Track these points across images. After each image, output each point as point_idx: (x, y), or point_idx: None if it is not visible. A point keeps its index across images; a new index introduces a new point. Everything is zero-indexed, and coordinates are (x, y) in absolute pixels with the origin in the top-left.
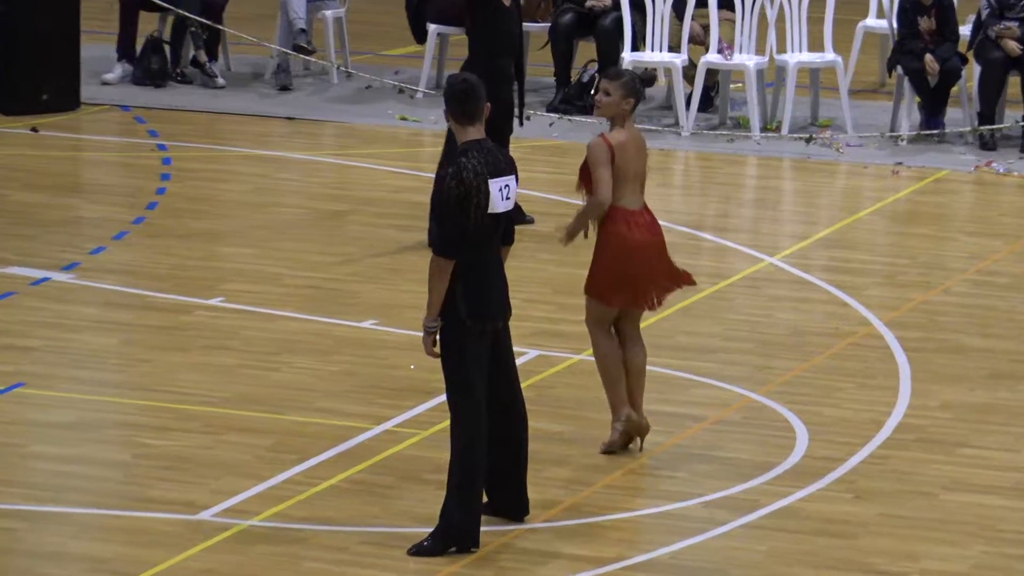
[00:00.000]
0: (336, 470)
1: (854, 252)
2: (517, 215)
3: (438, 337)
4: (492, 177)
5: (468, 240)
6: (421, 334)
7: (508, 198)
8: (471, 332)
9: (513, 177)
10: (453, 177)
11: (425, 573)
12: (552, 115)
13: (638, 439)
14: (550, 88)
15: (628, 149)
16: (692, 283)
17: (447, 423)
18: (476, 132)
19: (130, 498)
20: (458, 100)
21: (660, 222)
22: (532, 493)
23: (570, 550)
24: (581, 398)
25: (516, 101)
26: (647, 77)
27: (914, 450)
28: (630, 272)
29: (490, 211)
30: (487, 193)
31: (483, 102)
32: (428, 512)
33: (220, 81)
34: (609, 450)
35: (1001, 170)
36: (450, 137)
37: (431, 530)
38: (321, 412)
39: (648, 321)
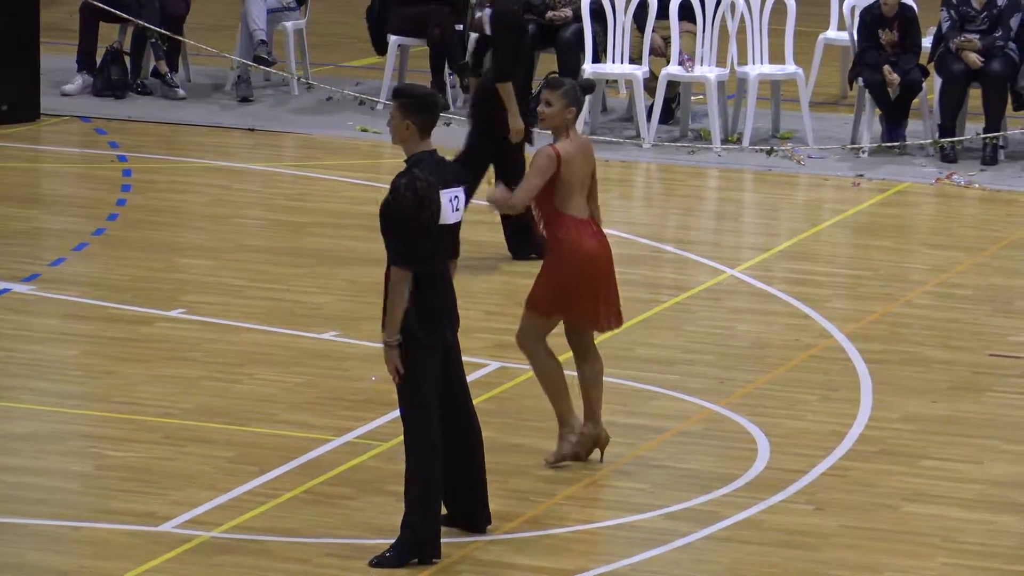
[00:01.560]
0: (297, 482)
1: (815, 264)
2: None
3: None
4: (442, 188)
5: (421, 251)
6: (382, 346)
7: (457, 209)
8: (423, 344)
9: (462, 189)
10: (407, 188)
11: None
12: None
13: (598, 451)
14: None
15: (575, 159)
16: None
17: None
18: (428, 144)
19: (91, 509)
20: (427, 111)
21: (622, 234)
22: (493, 505)
23: (530, 562)
24: (542, 409)
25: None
26: (586, 84)
27: (876, 462)
28: (579, 282)
29: (441, 222)
30: (438, 203)
31: (438, 116)
32: (390, 523)
33: (180, 92)
34: (557, 463)
35: (962, 182)
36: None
37: (392, 541)
38: (282, 424)
39: (607, 334)
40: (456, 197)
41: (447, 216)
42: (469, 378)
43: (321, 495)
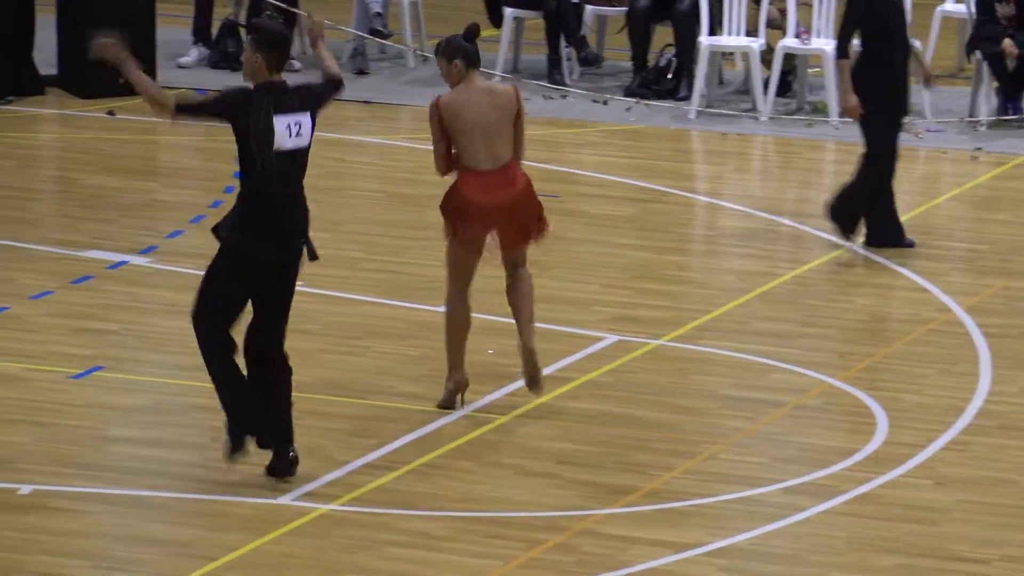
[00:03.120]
0: (415, 454)
1: (934, 237)
2: None
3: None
4: (278, 113)
5: (257, 172)
6: (500, 318)
7: (299, 135)
8: (235, 262)
9: (306, 115)
10: (240, 89)
11: (506, 559)
12: (629, 100)
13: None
14: (627, 72)
15: (468, 108)
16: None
17: (526, 408)
18: (277, 78)
19: (209, 482)
20: (277, 46)
21: (739, 207)
22: (611, 478)
23: (650, 535)
24: (660, 383)
25: None
26: (467, 30)
27: (995, 436)
28: (459, 229)
29: (279, 148)
30: (270, 126)
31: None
32: (508, 496)
33: (296, 65)
34: (445, 406)
35: None
36: None
37: (509, 514)
38: (400, 396)
39: (726, 307)
40: (297, 123)
41: (283, 142)
42: (586, 351)
43: (439, 468)
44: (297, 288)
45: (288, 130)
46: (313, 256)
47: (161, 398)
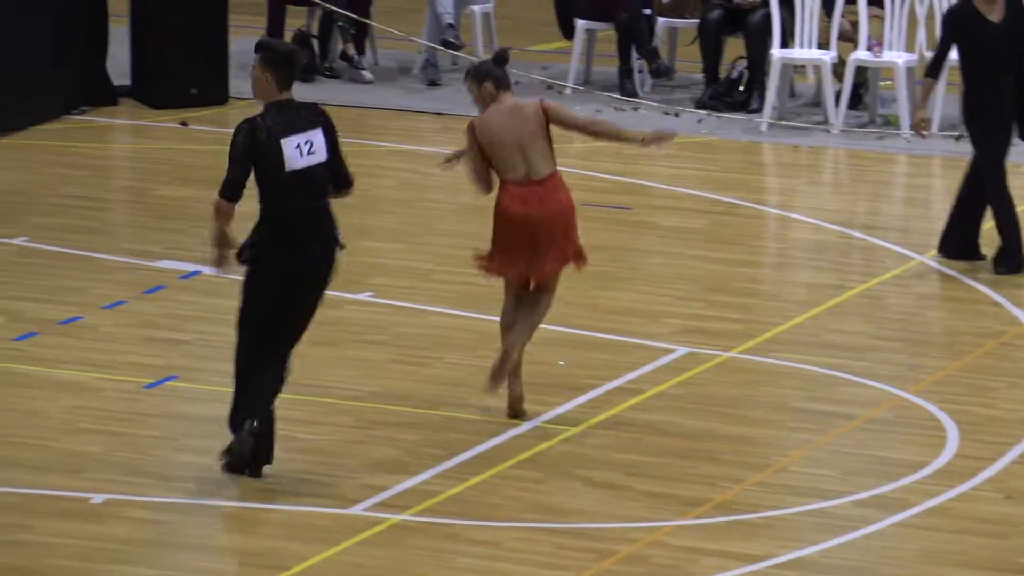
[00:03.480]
0: (486, 465)
1: None
2: None
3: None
4: (287, 135)
5: (274, 190)
6: (572, 330)
7: (311, 153)
8: (260, 274)
9: (317, 131)
10: (245, 129)
11: (576, 570)
12: (701, 112)
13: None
14: (699, 84)
15: (497, 126)
16: (581, 262)
17: (596, 419)
18: (286, 95)
19: (282, 492)
20: (286, 65)
21: (810, 220)
22: (681, 490)
23: (720, 547)
24: (730, 395)
25: None
26: (498, 55)
27: None
28: (505, 244)
29: (290, 168)
30: (274, 148)
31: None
32: (577, 507)
33: (368, 76)
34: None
35: None
36: None
37: (574, 526)
38: (470, 407)
39: (797, 319)
40: (307, 142)
41: (295, 162)
42: (656, 363)
43: (509, 478)
44: (369, 299)
45: (298, 150)
46: (339, 247)
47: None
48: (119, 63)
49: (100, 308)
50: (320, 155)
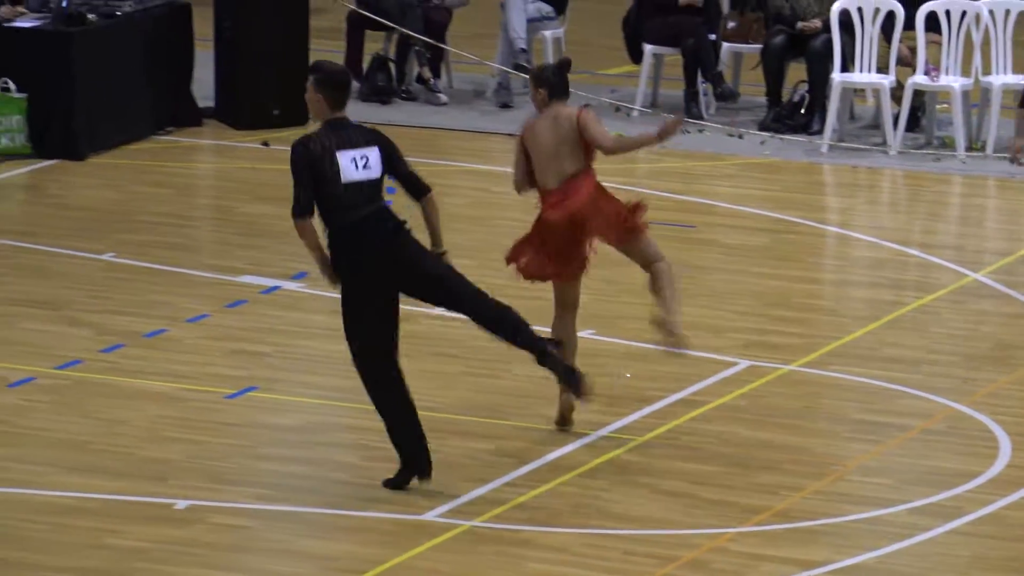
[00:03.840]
0: (554, 474)
1: None
2: None
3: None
4: (344, 149)
5: (333, 205)
6: (638, 344)
7: (366, 168)
8: (349, 284)
9: (373, 149)
10: (300, 145)
11: (639, 575)
12: (764, 134)
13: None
14: (762, 107)
15: (538, 131)
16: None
17: (661, 430)
18: (339, 114)
19: (357, 498)
20: (338, 87)
21: (868, 238)
22: (742, 498)
23: (780, 553)
24: (790, 407)
25: None
26: (560, 62)
27: None
28: (541, 246)
29: (346, 180)
30: (332, 162)
31: (349, 91)
32: (644, 514)
33: (443, 98)
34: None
35: None
36: None
37: (639, 532)
38: (540, 418)
39: (855, 334)
40: (362, 156)
41: (350, 174)
42: (719, 376)
43: (577, 486)
44: (443, 314)
45: (354, 163)
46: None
47: (311, 418)
48: (204, 85)
49: (184, 321)
50: (375, 171)
